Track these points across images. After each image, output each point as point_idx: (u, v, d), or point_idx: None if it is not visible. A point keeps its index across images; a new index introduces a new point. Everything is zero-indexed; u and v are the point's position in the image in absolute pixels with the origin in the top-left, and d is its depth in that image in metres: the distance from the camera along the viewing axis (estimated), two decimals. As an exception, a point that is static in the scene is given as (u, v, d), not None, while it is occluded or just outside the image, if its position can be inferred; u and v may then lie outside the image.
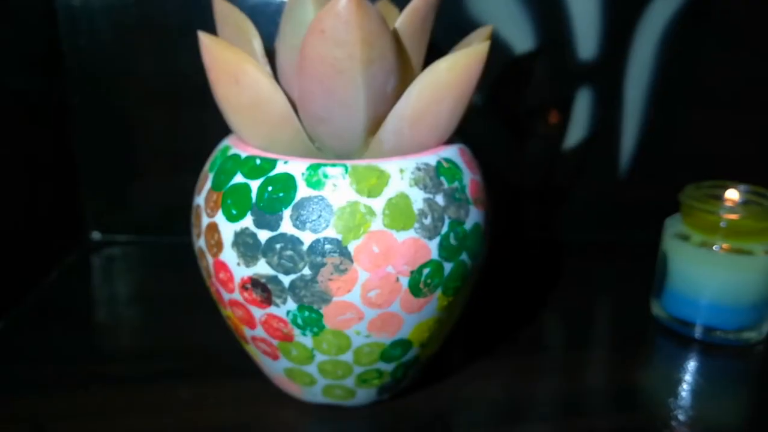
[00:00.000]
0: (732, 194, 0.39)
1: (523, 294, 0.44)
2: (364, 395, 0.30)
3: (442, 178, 0.26)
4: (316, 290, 0.25)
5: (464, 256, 0.27)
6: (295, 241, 0.24)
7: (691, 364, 0.37)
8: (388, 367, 0.28)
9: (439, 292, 0.26)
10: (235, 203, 0.25)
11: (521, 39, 0.46)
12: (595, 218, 0.52)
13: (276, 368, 0.29)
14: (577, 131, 0.49)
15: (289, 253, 0.24)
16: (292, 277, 0.25)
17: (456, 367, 0.35)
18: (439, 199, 0.26)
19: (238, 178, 0.26)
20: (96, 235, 0.50)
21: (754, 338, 0.38)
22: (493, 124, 0.49)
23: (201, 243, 0.27)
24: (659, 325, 0.40)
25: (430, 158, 0.26)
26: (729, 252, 0.36)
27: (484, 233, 0.28)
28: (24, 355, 0.35)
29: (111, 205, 0.50)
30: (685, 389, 0.34)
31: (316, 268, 0.24)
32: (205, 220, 0.27)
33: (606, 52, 0.47)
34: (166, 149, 0.49)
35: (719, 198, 0.39)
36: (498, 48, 0.46)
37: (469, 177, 0.27)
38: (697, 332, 0.38)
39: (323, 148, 0.28)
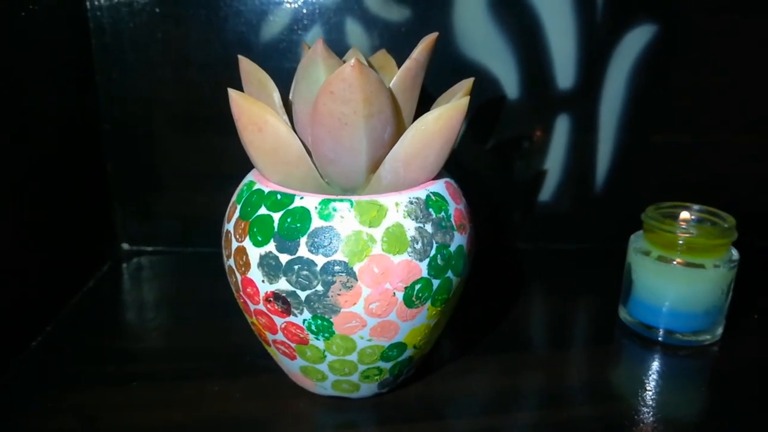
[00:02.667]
0: (687, 215, 0.43)
1: (504, 299, 0.48)
2: (366, 389, 0.34)
3: (431, 210, 0.31)
4: (328, 303, 0.30)
5: (449, 274, 0.31)
6: (310, 263, 0.29)
7: (654, 363, 0.40)
8: (386, 366, 0.33)
9: (428, 303, 0.31)
10: (260, 231, 0.30)
11: (506, 71, 0.51)
12: (570, 230, 0.57)
13: (293, 366, 0.34)
14: (556, 152, 0.54)
15: (305, 272, 0.29)
16: (308, 292, 0.30)
17: (445, 365, 0.39)
18: (428, 228, 0.30)
19: (263, 210, 0.31)
20: (125, 246, 0.55)
21: (708, 340, 0.42)
22: (483, 146, 0.53)
23: (231, 262, 0.32)
24: (626, 328, 0.44)
25: (421, 193, 0.31)
26: (685, 266, 0.40)
27: (467, 253, 0.33)
28: (72, 355, 0.40)
29: (139, 219, 0.54)
30: (649, 384, 0.38)
31: (327, 285, 0.29)
32: (235, 244, 0.32)
33: (582, 83, 0.52)
34: (187, 169, 0.53)
35: (677, 218, 0.43)
36: (487, 80, 0.51)
37: (453, 207, 0.32)
38: (659, 335, 0.42)
39: (332, 184, 0.33)
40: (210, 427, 0.34)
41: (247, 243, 0.31)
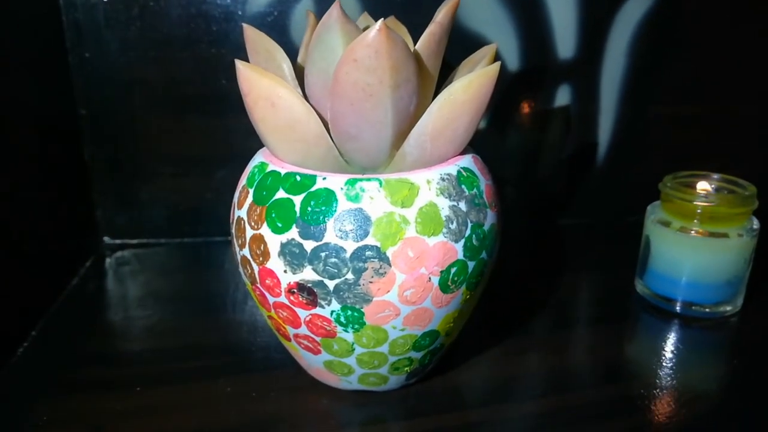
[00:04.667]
0: (706, 184, 0.42)
1: (518, 276, 0.47)
2: (394, 381, 0.32)
3: (463, 186, 0.29)
4: (359, 292, 0.27)
5: (484, 255, 0.29)
6: (338, 250, 0.27)
7: (673, 336, 0.40)
8: (417, 355, 0.31)
9: (463, 287, 0.29)
10: (279, 216, 0.28)
11: (506, 41, 0.49)
12: (577, 204, 0.55)
13: (315, 361, 0.31)
14: (557, 124, 0.52)
15: (333, 260, 0.27)
16: (337, 281, 0.27)
17: (465, 351, 0.37)
18: (462, 206, 0.28)
19: (281, 194, 0.28)
20: (107, 240, 0.51)
21: (729, 311, 0.41)
22: (483, 119, 0.51)
23: (245, 252, 0.29)
24: (643, 301, 0.43)
25: (451, 168, 0.29)
26: (705, 236, 0.39)
27: (498, 232, 0.31)
28: (64, 361, 0.36)
29: (121, 210, 0.51)
30: (668, 358, 0.37)
31: (358, 272, 0.27)
32: (250, 232, 0.29)
33: (583, 53, 0.50)
34: (171, 155, 0.50)
35: (695, 187, 0.42)
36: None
37: (484, 183, 0.30)
38: (678, 307, 0.41)
39: (351, 162, 0.30)
40: (231, 430, 0.31)
41: (265, 230, 0.28)
